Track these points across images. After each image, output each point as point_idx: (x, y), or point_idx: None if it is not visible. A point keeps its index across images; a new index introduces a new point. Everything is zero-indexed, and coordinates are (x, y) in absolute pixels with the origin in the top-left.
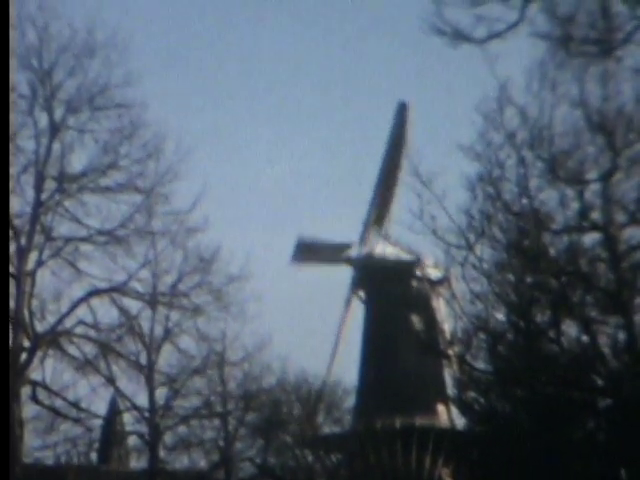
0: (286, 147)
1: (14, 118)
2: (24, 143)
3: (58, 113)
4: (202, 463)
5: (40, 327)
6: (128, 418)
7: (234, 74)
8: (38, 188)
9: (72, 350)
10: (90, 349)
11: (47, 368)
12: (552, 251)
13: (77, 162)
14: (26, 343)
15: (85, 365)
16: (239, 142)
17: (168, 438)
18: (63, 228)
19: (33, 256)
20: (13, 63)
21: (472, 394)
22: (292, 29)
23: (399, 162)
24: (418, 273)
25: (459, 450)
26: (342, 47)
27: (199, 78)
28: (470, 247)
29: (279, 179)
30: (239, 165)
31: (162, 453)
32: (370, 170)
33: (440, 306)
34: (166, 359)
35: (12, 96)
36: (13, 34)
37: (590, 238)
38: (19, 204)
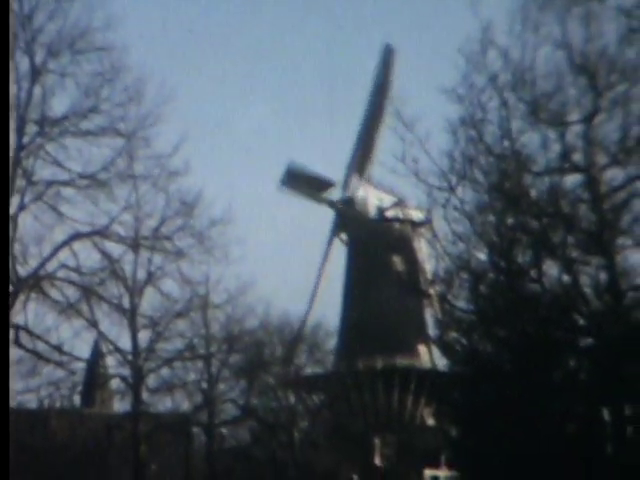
0: (268, 87)
1: None
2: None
3: (39, 57)
4: (185, 405)
5: (22, 271)
6: (111, 361)
7: (216, 15)
8: (19, 132)
9: (54, 294)
10: (73, 293)
11: (29, 312)
12: (533, 192)
13: (58, 106)
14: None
15: (68, 309)
16: (221, 84)
17: (151, 380)
18: (45, 172)
19: (15, 200)
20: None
21: (454, 334)
22: None
23: (383, 106)
24: (400, 215)
25: (441, 390)
26: None
27: (180, 20)
28: (452, 189)
29: (261, 120)
30: (221, 107)
31: (145, 395)
32: (351, 111)
33: (422, 247)
34: (149, 302)
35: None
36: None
37: (572, 179)
38: None
